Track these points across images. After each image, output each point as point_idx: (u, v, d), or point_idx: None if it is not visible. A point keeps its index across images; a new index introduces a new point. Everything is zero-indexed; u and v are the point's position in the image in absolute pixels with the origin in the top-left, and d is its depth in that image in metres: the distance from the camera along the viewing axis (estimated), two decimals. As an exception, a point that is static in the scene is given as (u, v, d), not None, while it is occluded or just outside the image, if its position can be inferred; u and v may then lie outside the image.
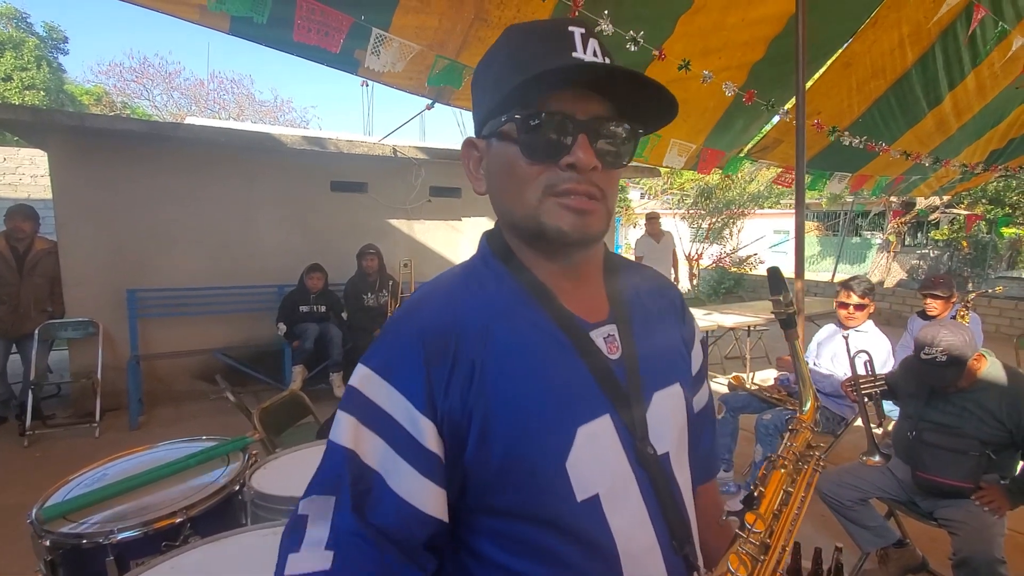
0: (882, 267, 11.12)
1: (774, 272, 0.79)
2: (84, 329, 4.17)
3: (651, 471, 0.59)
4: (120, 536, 1.19)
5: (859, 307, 2.83)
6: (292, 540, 0.51)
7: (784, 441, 0.72)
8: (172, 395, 4.66)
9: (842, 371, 2.81)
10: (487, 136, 0.60)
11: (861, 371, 2.44)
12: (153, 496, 1.37)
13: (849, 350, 2.47)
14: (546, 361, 0.57)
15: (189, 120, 10.31)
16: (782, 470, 0.67)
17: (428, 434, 0.52)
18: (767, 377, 4.73)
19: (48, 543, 1.19)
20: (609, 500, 0.56)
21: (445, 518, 0.54)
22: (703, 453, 0.74)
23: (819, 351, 3.07)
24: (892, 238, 11.04)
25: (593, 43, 0.55)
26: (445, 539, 0.55)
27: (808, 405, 0.75)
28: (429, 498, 0.52)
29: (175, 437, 1.76)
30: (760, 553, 0.59)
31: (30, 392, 3.74)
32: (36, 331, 3.91)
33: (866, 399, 2.37)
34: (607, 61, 0.55)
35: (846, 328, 2.88)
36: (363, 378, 0.55)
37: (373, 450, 0.52)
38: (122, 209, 4.39)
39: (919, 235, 13.07)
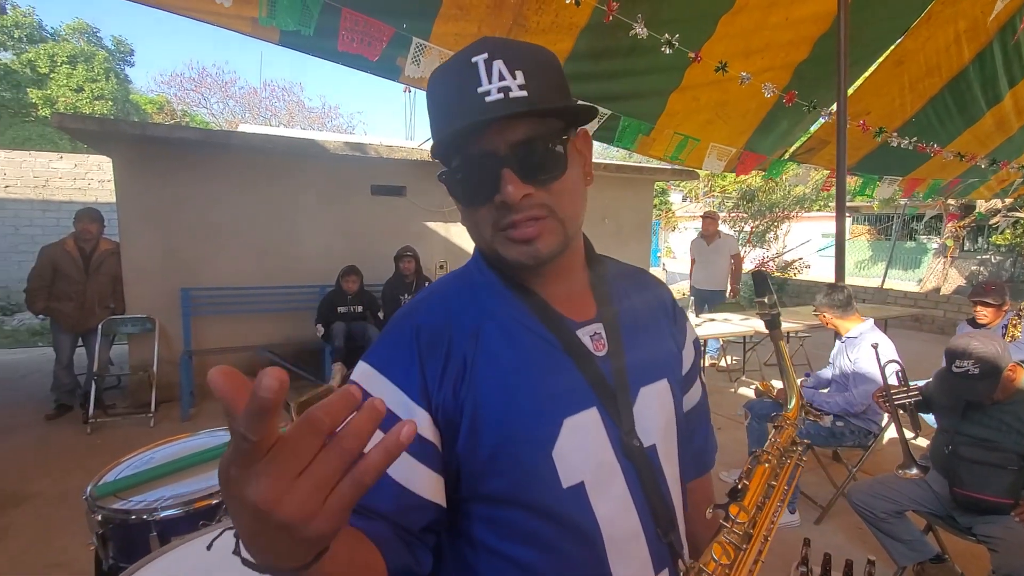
0: (938, 273, 10.58)
1: (759, 275, 0.82)
2: (142, 325, 4.43)
3: (636, 462, 0.62)
4: (163, 514, 1.30)
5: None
6: None
7: (769, 437, 0.74)
8: (221, 389, 4.88)
9: (861, 384, 2.72)
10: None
11: (890, 381, 2.34)
12: (194, 479, 1.48)
13: (879, 359, 2.37)
14: (534, 358, 0.61)
15: (242, 127, 10.80)
16: (766, 464, 0.69)
17: (423, 422, 0.57)
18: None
19: (100, 518, 1.30)
20: (594, 488, 0.59)
21: (443, 503, 0.58)
22: (696, 449, 0.76)
23: (833, 367, 2.99)
24: (950, 243, 10.48)
25: (498, 65, 0.55)
26: (443, 525, 0.59)
27: (792, 403, 0.78)
28: (426, 483, 0.56)
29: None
30: (743, 542, 0.62)
31: (93, 383, 4.00)
32: (99, 326, 4.18)
33: (900, 411, 2.27)
34: (516, 77, 0.55)
35: (842, 337, 2.88)
36: (363, 373, 0.59)
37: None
38: (178, 212, 4.66)
39: (979, 240, 12.35)
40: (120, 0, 2.01)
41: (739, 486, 0.66)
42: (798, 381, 0.86)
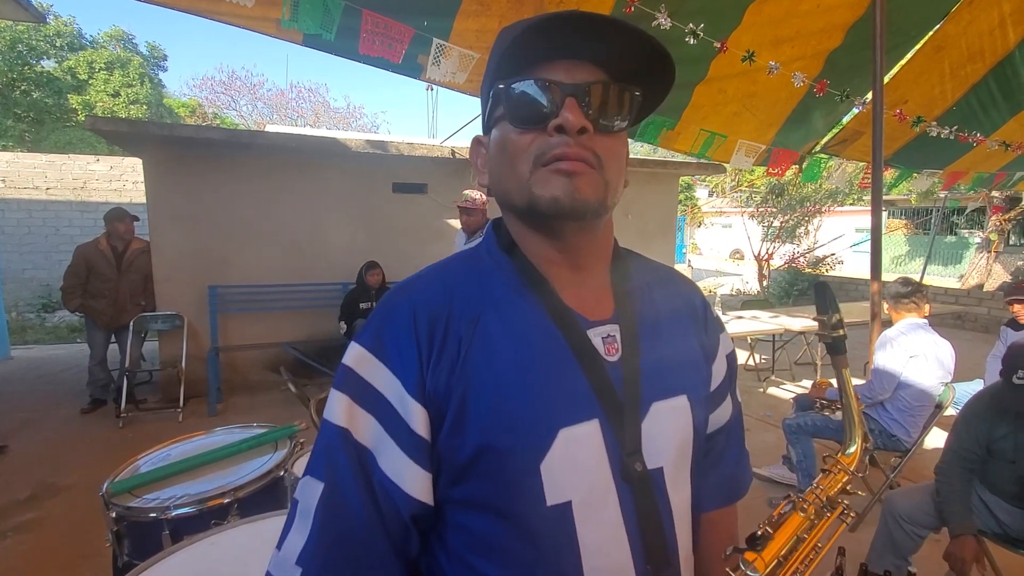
0: (981, 269, 10.12)
1: (821, 288, 0.71)
2: (172, 322, 4.54)
3: (636, 487, 0.55)
4: (175, 512, 1.31)
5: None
6: (283, 531, 0.53)
7: (815, 481, 0.64)
8: (247, 385, 4.98)
9: (877, 376, 2.65)
10: (489, 129, 0.60)
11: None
12: (207, 477, 1.48)
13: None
14: (535, 355, 0.55)
15: (270, 128, 10.98)
16: (801, 514, 0.60)
17: (417, 417, 0.52)
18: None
19: (115, 515, 1.32)
20: (582, 510, 0.53)
21: (430, 501, 0.53)
22: (725, 475, 0.69)
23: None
24: (993, 237, 10.02)
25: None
26: (429, 523, 0.55)
27: (853, 448, 0.66)
28: (414, 479, 0.52)
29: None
30: None
31: (125, 379, 4.11)
32: (131, 323, 4.30)
33: None
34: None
35: None
36: (357, 357, 0.54)
37: (366, 428, 0.52)
38: (206, 211, 4.75)
39: (1027, 234, 11.80)
40: (154, 7, 2.03)
41: (760, 532, 0.58)
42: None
